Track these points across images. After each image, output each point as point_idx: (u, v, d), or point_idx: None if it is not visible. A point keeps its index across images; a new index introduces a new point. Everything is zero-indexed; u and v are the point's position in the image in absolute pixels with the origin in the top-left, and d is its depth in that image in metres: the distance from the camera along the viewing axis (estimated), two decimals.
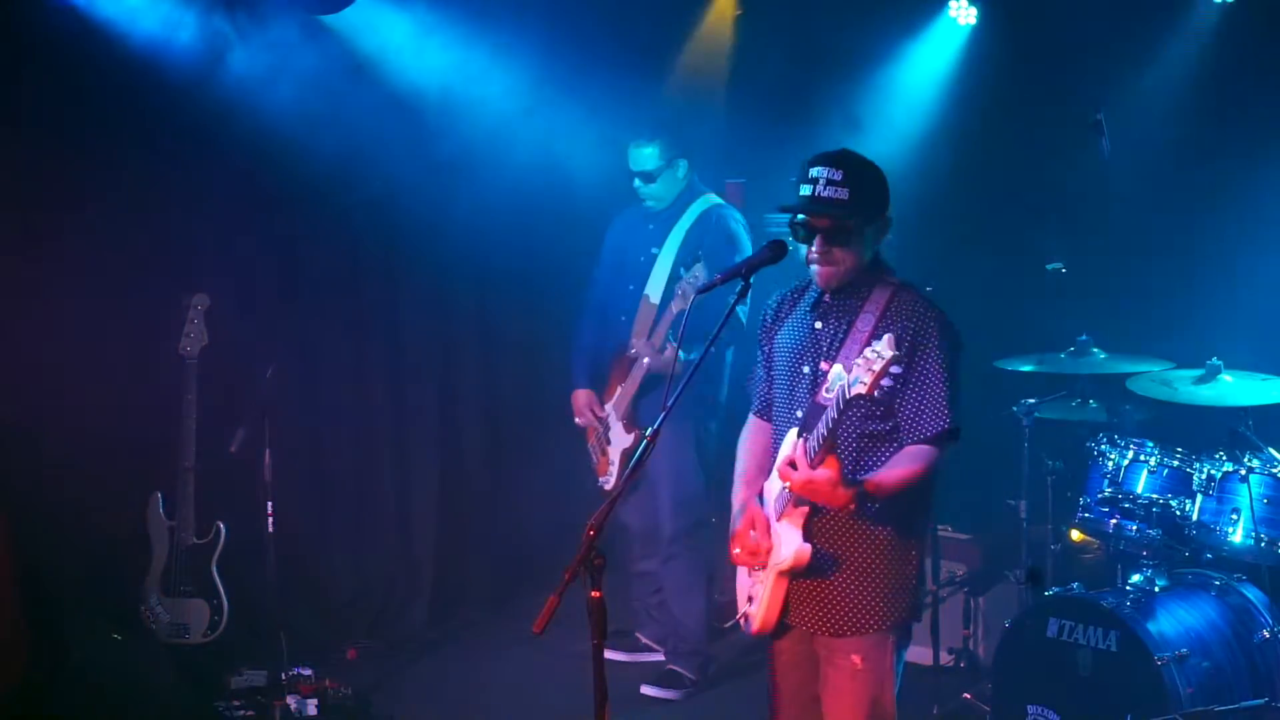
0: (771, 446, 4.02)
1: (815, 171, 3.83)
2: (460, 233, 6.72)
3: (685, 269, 5.85)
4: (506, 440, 7.34)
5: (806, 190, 3.84)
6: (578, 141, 6.68)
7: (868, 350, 3.52)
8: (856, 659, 3.91)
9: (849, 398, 3.55)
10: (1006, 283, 6.59)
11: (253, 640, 5.79)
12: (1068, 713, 5.00)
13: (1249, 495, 5.05)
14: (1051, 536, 5.69)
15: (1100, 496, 5.33)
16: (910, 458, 3.82)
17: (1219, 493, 5.13)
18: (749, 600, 4.05)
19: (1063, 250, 5.98)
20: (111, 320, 5.92)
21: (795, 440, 3.83)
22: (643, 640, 6.45)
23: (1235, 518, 5.09)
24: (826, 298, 3.95)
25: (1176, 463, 5.24)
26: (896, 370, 3.57)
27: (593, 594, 3.33)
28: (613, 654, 6.21)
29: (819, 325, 3.95)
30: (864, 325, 3.83)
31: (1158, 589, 5.13)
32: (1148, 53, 6.24)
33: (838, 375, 3.58)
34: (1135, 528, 5.23)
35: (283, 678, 5.64)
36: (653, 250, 6.09)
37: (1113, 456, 5.35)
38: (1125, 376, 5.57)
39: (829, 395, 3.63)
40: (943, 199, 6.58)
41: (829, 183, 3.81)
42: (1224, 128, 6.23)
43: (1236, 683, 4.96)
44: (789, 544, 3.85)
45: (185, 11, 5.93)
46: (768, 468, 4.00)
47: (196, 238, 6.26)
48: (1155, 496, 5.23)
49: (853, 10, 6.93)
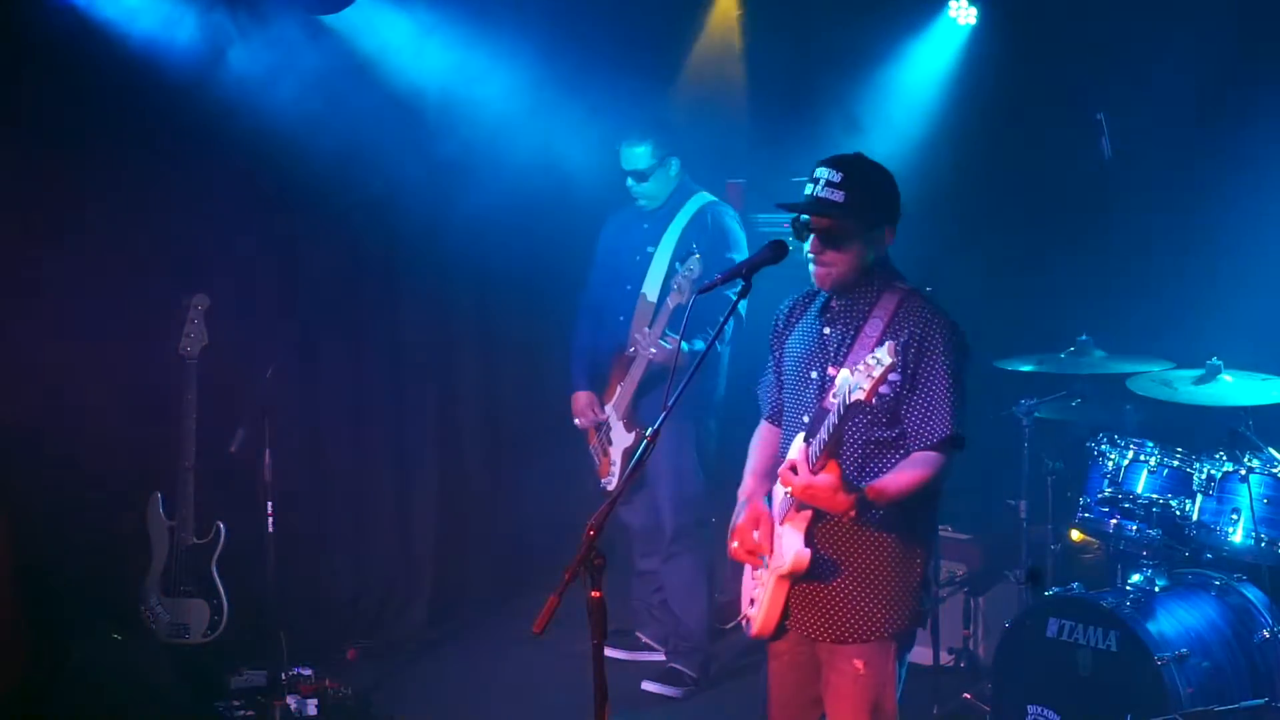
0: (780, 450, 4.02)
1: (819, 172, 3.86)
2: (460, 233, 6.72)
3: (681, 264, 5.85)
4: (506, 440, 7.34)
5: (808, 189, 3.87)
6: (578, 142, 6.68)
7: (868, 357, 3.52)
8: (859, 664, 3.91)
9: (848, 404, 3.56)
10: (1006, 283, 6.59)
11: (253, 640, 5.78)
12: (1068, 713, 4.99)
13: (1249, 495, 5.05)
14: (1051, 536, 5.69)
15: (1100, 496, 5.33)
16: (914, 464, 3.82)
17: (1219, 493, 5.13)
18: (750, 603, 4.05)
19: (1063, 250, 5.97)
20: (111, 320, 5.91)
21: (800, 445, 3.83)
22: (643, 640, 6.45)
23: (1235, 518, 5.09)
24: (834, 303, 3.95)
25: (1176, 463, 5.23)
26: (895, 378, 3.57)
27: (593, 594, 3.33)
28: (613, 652, 6.22)
29: (827, 330, 3.95)
30: (872, 331, 3.84)
31: (1158, 589, 5.13)
32: (1148, 52, 6.23)
33: (844, 380, 3.58)
34: (1135, 528, 5.23)
35: (283, 678, 5.63)
36: (648, 249, 6.09)
37: (1113, 456, 5.34)
38: (1125, 376, 5.56)
39: (835, 400, 3.62)
40: (943, 199, 6.57)
41: (828, 184, 3.82)
42: (1224, 127, 6.22)
43: (1236, 683, 4.95)
44: (790, 548, 3.85)
45: (185, 12, 5.94)
46: (775, 470, 3.99)
47: (196, 238, 6.25)
48: (1155, 496, 5.22)
49: (853, 10, 6.93)
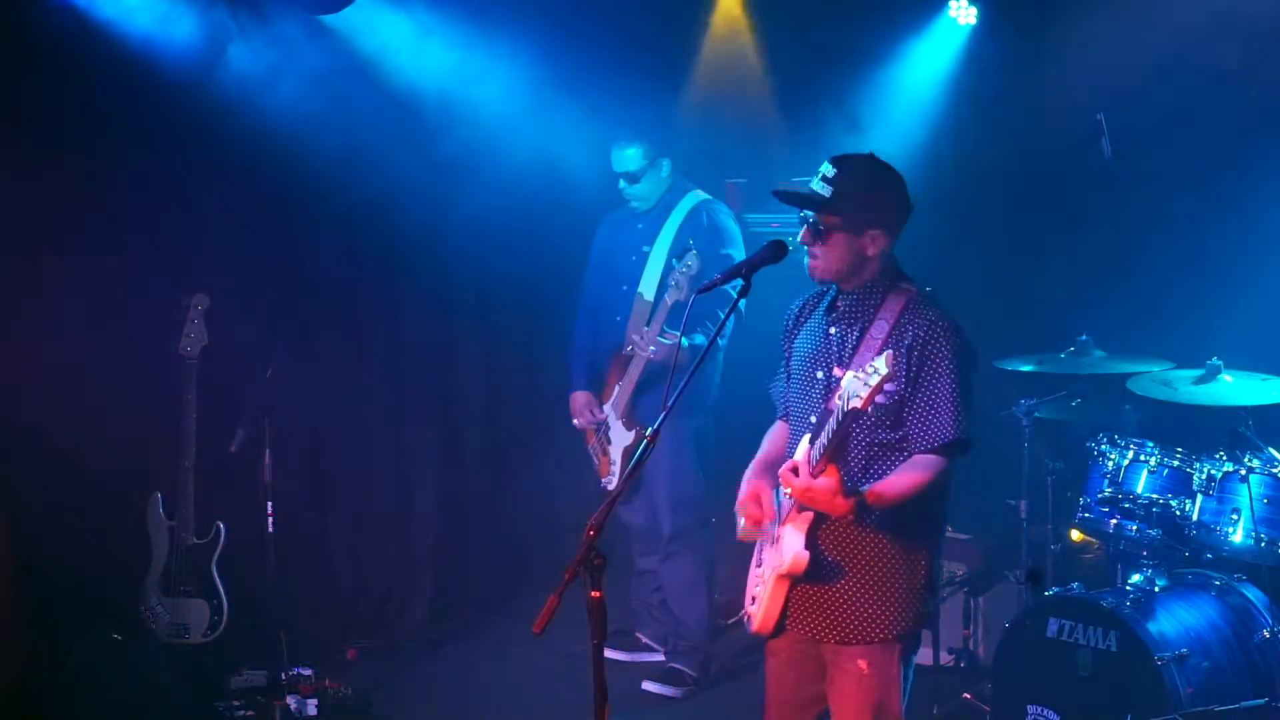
0: (788, 449, 4.01)
1: (821, 167, 3.88)
2: (460, 233, 6.72)
3: (678, 261, 5.85)
4: (506, 440, 7.34)
5: (811, 183, 3.89)
6: (577, 142, 6.67)
7: (866, 365, 3.52)
8: (863, 664, 3.91)
9: (846, 410, 3.56)
10: (1006, 283, 6.58)
11: (253, 640, 5.77)
12: (1068, 713, 4.99)
13: (1249, 495, 5.05)
14: (1051, 536, 5.68)
15: (1100, 496, 5.33)
16: (914, 467, 3.81)
17: (1219, 493, 5.13)
18: (752, 600, 4.06)
19: (1063, 250, 5.97)
20: (111, 320, 5.91)
21: (805, 446, 3.83)
22: (643, 640, 6.45)
23: (1235, 518, 5.08)
24: (840, 303, 3.96)
25: (1176, 463, 5.23)
26: (891, 388, 3.57)
27: (593, 594, 3.33)
28: (613, 653, 6.21)
29: (832, 330, 3.95)
30: (877, 332, 3.84)
31: (1158, 589, 5.13)
32: (1147, 53, 6.23)
33: (848, 384, 3.57)
34: (1135, 528, 5.23)
35: (283, 678, 5.63)
36: (644, 249, 6.09)
37: (1113, 456, 5.34)
38: (1125, 376, 5.56)
39: (838, 404, 3.62)
40: (942, 199, 6.57)
41: (823, 178, 3.86)
42: (1225, 127, 6.22)
43: (1236, 683, 4.95)
44: (790, 549, 3.85)
45: (185, 12, 5.94)
46: (779, 464, 3.99)
47: (196, 238, 6.26)
48: (1155, 496, 5.22)
49: (853, 10, 6.92)
